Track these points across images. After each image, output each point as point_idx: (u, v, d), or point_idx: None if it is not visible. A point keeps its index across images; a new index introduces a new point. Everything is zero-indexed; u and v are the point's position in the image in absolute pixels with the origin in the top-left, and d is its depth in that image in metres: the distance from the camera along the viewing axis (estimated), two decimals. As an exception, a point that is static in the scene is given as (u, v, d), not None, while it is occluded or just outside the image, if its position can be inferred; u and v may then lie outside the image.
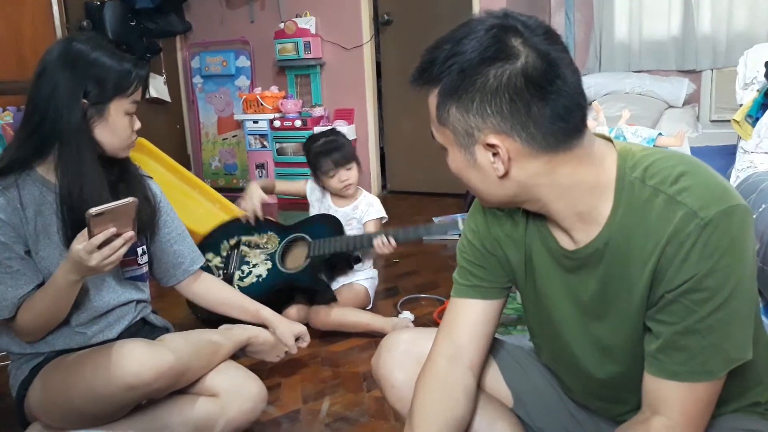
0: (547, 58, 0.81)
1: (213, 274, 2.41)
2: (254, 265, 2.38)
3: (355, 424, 1.67)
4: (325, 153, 2.38)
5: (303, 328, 1.78)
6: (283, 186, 2.59)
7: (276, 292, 2.28)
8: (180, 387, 1.42)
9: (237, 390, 1.47)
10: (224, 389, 1.46)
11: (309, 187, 2.53)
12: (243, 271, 2.38)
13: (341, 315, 2.25)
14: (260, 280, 2.33)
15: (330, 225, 2.36)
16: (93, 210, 1.19)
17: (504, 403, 1.14)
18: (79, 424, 1.36)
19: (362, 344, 2.17)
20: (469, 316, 1.06)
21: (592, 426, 1.10)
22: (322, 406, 1.77)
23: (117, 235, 1.25)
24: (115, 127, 1.37)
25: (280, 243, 2.41)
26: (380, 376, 1.15)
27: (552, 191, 0.87)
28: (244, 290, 2.31)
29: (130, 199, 1.26)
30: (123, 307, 1.48)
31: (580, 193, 0.87)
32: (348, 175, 2.40)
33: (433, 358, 1.06)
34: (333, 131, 2.52)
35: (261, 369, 1.96)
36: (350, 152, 2.41)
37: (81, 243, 1.23)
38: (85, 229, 1.22)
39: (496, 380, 1.14)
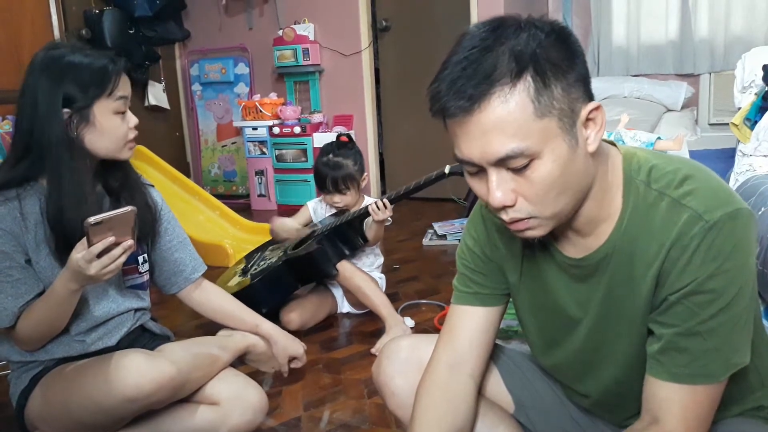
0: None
1: (237, 275, 2.51)
2: (270, 258, 2.44)
3: (356, 431, 1.67)
4: (324, 173, 2.40)
5: (300, 350, 1.76)
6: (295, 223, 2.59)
7: (281, 270, 2.32)
8: (180, 398, 1.42)
9: (238, 398, 1.47)
10: (225, 397, 1.46)
11: (312, 210, 2.55)
12: (259, 265, 2.46)
13: (364, 280, 2.29)
14: (270, 264, 2.38)
15: (340, 213, 2.42)
16: (91, 219, 1.19)
17: (505, 409, 1.14)
18: None
19: (363, 351, 2.17)
20: (470, 323, 1.06)
21: (594, 430, 1.10)
22: (323, 414, 1.77)
23: (116, 244, 1.24)
24: (105, 130, 1.35)
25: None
26: (381, 383, 1.15)
27: (591, 187, 0.86)
28: (255, 275, 2.38)
29: (129, 207, 1.25)
30: (122, 315, 1.48)
31: (602, 194, 0.87)
32: (341, 198, 2.42)
33: (434, 366, 1.05)
34: (345, 146, 2.48)
35: (261, 376, 1.96)
36: (350, 175, 2.39)
37: (80, 252, 1.23)
38: (84, 238, 1.22)
39: (497, 386, 1.14)
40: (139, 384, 1.27)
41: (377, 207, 2.23)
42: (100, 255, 1.23)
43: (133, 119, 1.40)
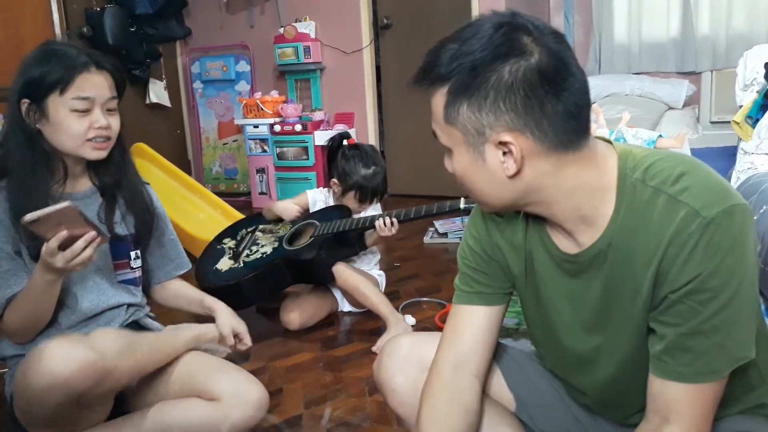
0: (559, 55, 0.81)
1: (226, 254, 2.49)
2: (263, 246, 2.43)
3: (357, 429, 1.67)
4: (383, 186, 2.43)
5: (242, 328, 1.71)
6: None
7: (276, 267, 2.30)
8: (111, 386, 1.32)
9: (239, 394, 1.46)
10: (226, 394, 1.45)
11: (311, 199, 2.54)
12: (251, 251, 2.43)
13: (361, 281, 2.28)
14: (264, 256, 2.37)
15: (340, 212, 2.40)
16: (27, 217, 1.19)
17: (506, 407, 1.13)
18: (59, 428, 1.30)
19: (363, 349, 2.17)
20: (473, 323, 1.06)
21: (596, 429, 1.10)
22: (324, 412, 1.77)
23: (76, 238, 1.24)
24: (60, 126, 1.35)
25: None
26: (381, 381, 1.15)
27: (557, 193, 0.87)
28: (247, 264, 2.36)
29: (66, 203, 1.22)
30: (113, 310, 1.48)
31: (584, 195, 0.87)
32: (371, 205, 2.46)
33: (439, 366, 1.05)
34: (371, 149, 2.48)
35: (262, 374, 1.96)
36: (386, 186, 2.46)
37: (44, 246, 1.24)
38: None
39: (498, 384, 1.14)
40: (55, 370, 1.18)
41: (384, 224, 2.21)
42: (64, 248, 1.23)
43: (99, 120, 1.37)
